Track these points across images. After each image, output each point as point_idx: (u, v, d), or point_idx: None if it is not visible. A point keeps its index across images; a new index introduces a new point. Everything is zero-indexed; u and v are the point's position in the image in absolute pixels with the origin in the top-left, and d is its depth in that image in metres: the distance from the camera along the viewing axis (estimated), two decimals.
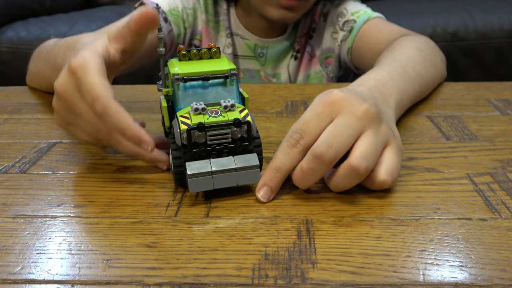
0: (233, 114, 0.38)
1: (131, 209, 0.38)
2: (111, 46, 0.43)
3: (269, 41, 0.88)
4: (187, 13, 0.85)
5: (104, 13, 1.63)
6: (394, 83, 0.50)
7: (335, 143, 0.36)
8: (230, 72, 0.40)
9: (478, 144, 0.49)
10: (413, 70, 0.57)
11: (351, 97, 0.39)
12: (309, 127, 0.38)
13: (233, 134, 0.38)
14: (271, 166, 0.39)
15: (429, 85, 0.63)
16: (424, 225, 0.35)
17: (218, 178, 0.37)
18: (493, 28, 1.40)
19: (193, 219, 0.36)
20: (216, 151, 0.38)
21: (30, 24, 1.47)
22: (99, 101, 0.39)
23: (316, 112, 0.38)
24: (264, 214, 0.37)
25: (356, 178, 0.37)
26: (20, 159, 0.47)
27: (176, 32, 0.84)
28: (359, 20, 0.82)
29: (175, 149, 0.38)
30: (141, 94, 0.66)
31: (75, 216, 0.37)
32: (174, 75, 0.39)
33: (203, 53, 0.41)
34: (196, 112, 0.37)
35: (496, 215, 0.36)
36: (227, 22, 0.88)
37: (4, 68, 1.43)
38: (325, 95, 0.39)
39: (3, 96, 0.67)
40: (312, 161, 0.36)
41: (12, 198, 0.40)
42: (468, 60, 1.41)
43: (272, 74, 0.91)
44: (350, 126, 0.37)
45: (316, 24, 0.89)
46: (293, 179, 0.38)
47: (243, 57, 0.90)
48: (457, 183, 0.41)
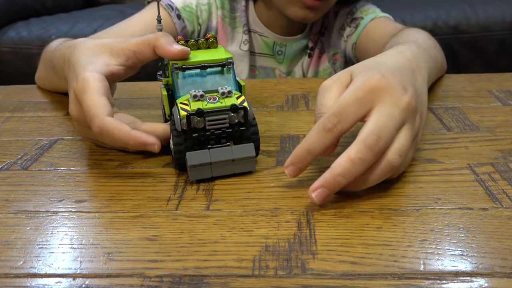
0: (230, 100, 0.39)
1: (132, 203, 0.38)
2: (114, 61, 0.44)
3: (288, 39, 0.88)
4: (201, 9, 0.85)
5: (105, 12, 1.63)
6: (424, 58, 0.50)
7: (384, 134, 0.35)
8: (227, 61, 0.41)
9: (479, 134, 0.48)
10: (432, 53, 0.58)
11: (394, 85, 0.37)
12: (348, 111, 0.36)
13: (231, 119, 0.39)
14: (302, 147, 0.37)
15: (439, 70, 0.64)
16: (424, 215, 0.35)
17: (216, 167, 0.40)
18: (495, 20, 1.39)
19: (193, 212, 0.36)
20: (214, 136, 0.39)
21: (32, 24, 1.48)
22: (94, 122, 0.39)
23: (357, 96, 0.36)
24: (265, 206, 0.37)
25: (389, 173, 0.37)
26: (22, 156, 0.47)
27: (190, 29, 0.84)
28: (366, 18, 0.83)
29: (176, 135, 0.40)
30: (142, 91, 0.66)
31: (77, 211, 0.37)
32: (173, 65, 0.41)
33: (200, 43, 0.43)
34: (195, 99, 0.39)
35: (497, 204, 0.36)
36: (245, 19, 0.87)
37: (6, 67, 1.44)
38: (368, 78, 0.37)
39: (5, 94, 0.67)
40: (362, 150, 0.34)
41: (14, 194, 0.40)
42: (470, 52, 1.41)
43: (287, 72, 0.90)
44: (393, 117, 0.36)
45: (328, 21, 0.89)
46: (336, 168, 0.35)
47: (260, 55, 0.89)
48: (458, 173, 0.41)
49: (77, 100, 0.42)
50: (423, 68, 0.47)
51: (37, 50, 1.40)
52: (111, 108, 0.41)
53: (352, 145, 0.35)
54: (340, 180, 0.34)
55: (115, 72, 0.44)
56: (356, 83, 0.38)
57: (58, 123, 0.56)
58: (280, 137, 0.49)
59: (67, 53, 0.48)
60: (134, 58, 0.44)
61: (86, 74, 0.42)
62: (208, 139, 0.40)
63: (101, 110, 0.39)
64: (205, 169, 0.39)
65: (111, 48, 0.45)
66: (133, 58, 0.44)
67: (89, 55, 0.44)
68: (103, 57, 0.44)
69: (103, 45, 0.45)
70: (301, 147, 0.37)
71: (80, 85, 0.41)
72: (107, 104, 0.40)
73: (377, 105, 0.37)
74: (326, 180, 0.34)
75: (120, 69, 0.44)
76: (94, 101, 0.40)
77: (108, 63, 0.44)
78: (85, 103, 0.40)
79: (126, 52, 0.44)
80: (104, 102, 0.40)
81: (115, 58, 0.44)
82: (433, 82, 0.64)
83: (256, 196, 0.38)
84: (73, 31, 1.42)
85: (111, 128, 0.39)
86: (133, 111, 0.57)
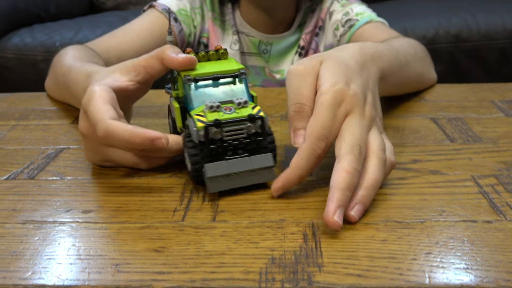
0: (246, 110, 0.39)
1: (138, 214, 0.38)
2: (124, 78, 0.45)
3: (274, 37, 0.90)
4: (195, 12, 0.88)
5: (108, 18, 1.65)
6: (388, 59, 0.51)
7: (362, 143, 0.38)
8: (239, 72, 0.42)
9: (482, 146, 0.49)
10: (404, 57, 0.58)
11: (358, 95, 0.40)
12: (330, 132, 0.38)
13: (248, 129, 0.39)
14: (294, 174, 0.38)
15: (415, 77, 0.65)
16: (429, 228, 0.35)
17: (235, 178, 0.39)
18: (496, 29, 1.40)
19: (200, 223, 0.36)
20: (232, 147, 0.39)
21: (36, 31, 1.49)
22: (98, 126, 0.40)
23: (334, 114, 0.38)
24: (271, 218, 0.37)
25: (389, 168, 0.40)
26: (29, 165, 0.48)
27: (187, 32, 0.87)
28: (361, 20, 0.84)
29: (192, 147, 0.39)
30: (147, 99, 0.66)
31: (84, 221, 0.38)
32: (185, 76, 0.41)
33: (211, 54, 0.43)
34: (211, 110, 0.39)
35: (501, 217, 0.36)
36: (233, 21, 0.90)
37: (10, 74, 1.44)
38: (336, 92, 0.39)
39: (10, 102, 0.67)
40: (353, 161, 0.36)
41: (22, 204, 0.40)
42: (471, 61, 1.41)
43: (276, 70, 0.92)
44: (363, 126, 0.39)
45: (323, 22, 0.90)
46: (340, 183, 0.35)
47: (249, 54, 0.92)
48: (461, 185, 0.41)
49: (84, 113, 0.42)
50: (379, 67, 0.48)
51: (41, 56, 1.41)
52: (115, 114, 0.41)
53: (341, 158, 0.37)
54: (348, 195, 0.35)
55: (124, 87, 0.44)
56: (327, 97, 0.39)
57: (64, 131, 0.56)
58: (284, 147, 0.49)
59: (86, 83, 0.48)
60: (144, 72, 0.45)
61: (93, 87, 0.42)
62: (226, 150, 0.40)
63: (104, 114, 0.40)
64: (224, 180, 0.39)
65: (121, 67, 0.46)
66: (143, 73, 0.45)
67: (101, 76, 0.45)
68: (113, 75, 0.45)
69: (114, 67, 0.46)
70: (293, 174, 0.38)
71: (86, 97, 0.42)
72: (110, 109, 0.41)
73: (347, 117, 0.39)
74: (339, 198, 0.35)
75: (130, 84, 0.45)
76: (97, 107, 0.40)
77: (117, 79, 0.44)
78: (90, 110, 0.41)
79: (136, 67, 0.45)
80: (107, 108, 0.41)
81: (125, 75, 0.45)
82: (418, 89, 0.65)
83: (262, 207, 0.39)
84: (77, 37, 1.43)
85: (115, 129, 0.39)
86: (138, 120, 0.58)
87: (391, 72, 0.51)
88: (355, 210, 0.36)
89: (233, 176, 0.39)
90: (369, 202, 0.37)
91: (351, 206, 0.36)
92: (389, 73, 0.51)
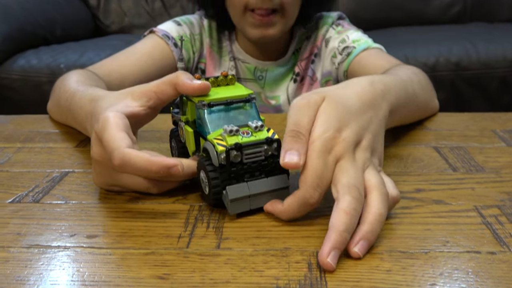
0: (263, 133, 0.41)
1: (143, 240, 0.38)
2: (135, 104, 0.45)
3: (269, 64, 0.91)
4: (194, 38, 0.90)
5: (112, 42, 1.67)
6: (396, 93, 0.51)
7: (359, 184, 0.38)
8: (250, 97, 0.43)
9: (485, 175, 0.49)
10: (412, 89, 0.59)
11: (349, 142, 0.40)
12: (323, 179, 0.38)
13: (265, 152, 0.41)
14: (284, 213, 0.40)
15: (421, 108, 0.65)
16: (433, 258, 0.35)
17: (254, 199, 0.41)
18: (496, 58, 1.42)
19: (204, 250, 0.37)
20: (251, 169, 0.41)
21: (41, 53, 1.51)
22: (114, 154, 0.40)
23: (324, 162, 0.38)
24: (275, 246, 0.37)
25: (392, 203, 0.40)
26: (33, 188, 0.48)
27: (186, 57, 0.89)
28: (358, 47, 0.85)
29: (212, 170, 0.40)
30: (151, 124, 0.66)
31: (88, 246, 0.38)
32: (200, 102, 0.42)
33: (220, 80, 0.45)
34: (231, 134, 0.40)
35: (505, 248, 0.36)
36: (230, 47, 0.92)
37: (16, 95, 1.46)
38: (326, 140, 0.39)
39: (16, 124, 0.68)
40: (352, 202, 0.36)
41: (26, 228, 0.40)
42: (472, 89, 1.43)
43: (271, 96, 0.94)
44: (357, 168, 0.39)
45: (319, 49, 0.92)
46: (339, 225, 0.35)
47: (245, 80, 0.93)
48: (465, 215, 0.41)
49: (98, 140, 0.43)
50: (389, 102, 0.48)
51: (46, 78, 1.42)
52: (131, 141, 0.41)
53: (339, 199, 0.37)
54: (346, 237, 0.35)
55: (136, 113, 0.45)
56: (318, 144, 0.39)
57: (69, 154, 0.57)
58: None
59: (90, 107, 0.49)
60: (156, 98, 0.45)
61: (106, 114, 0.43)
62: (244, 173, 0.41)
63: (120, 142, 0.40)
64: (244, 202, 0.41)
65: (132, 93, 0.46)
66: (154, 99, 0.45)
67: (112, 101, 0.46)
68: (124, 101, 0.45)
69: (125, 92, 0.47)
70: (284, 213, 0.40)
71: (101, 125, 0.42)
72: (126, 137, 0.41)
73: (338, 162, 0.39)
74: (335, 240, 0.34)
75: (141, 110, 0.45)
76: (113, 135, 0.41)
77: (129, 105, 0.45)
78: (105, 138, 0.41)
79: (147, 93, 0.45)
80: (123, 135, 0.41)
81: (136, 101, 0.45)
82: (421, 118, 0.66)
83: (266, 234, 0.39)
84: (82, 60, 1.45)
85: (131, 157, 0.39)
86: (142, 144, 0.58)
87: (400, 105, 0.52)
88: (359, 246, 0.35)
89: (252, 197, 0.41)
90: (374, 238, 0.36)
91: (355, 242, 0.35)
92: (398, 106, 0.51)
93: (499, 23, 1.89)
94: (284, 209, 0.39)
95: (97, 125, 0.43)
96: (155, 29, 0.87)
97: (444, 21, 1.94)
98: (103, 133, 0.41)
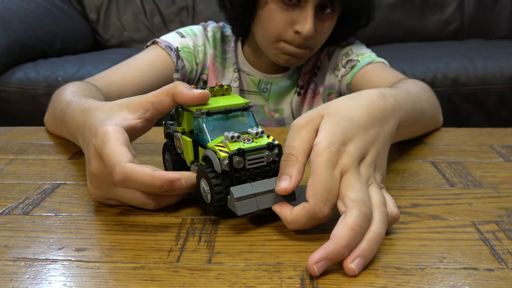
0: (263, 139, 0.41)
1: (132, 253, 0.37)
2: (132, 116, 0.44)
3: (273, 77, 0.91)
4: (197, 50, 0.89)
5: (111, 55, 1.67)
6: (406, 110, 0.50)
7: (367, 199, 0.37)
8: (248, 105, 0.43)
9: (483, 191, 0.48)
10: (420, 106, 0.58)
11: (353, 156, 0.39)
12: (332, 193, 0.37)
13: (267, 158, 0.41)
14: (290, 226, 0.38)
15: (427, 124, 0.65)
16: (429, 275, 0.34)
17: (261, 199, 0.40)
18: (493, 74, 1.42)
19: (195, 265, 0.36)
20: (253, 175, 0.40)
21: (39, 65, 1.51)
22: (115, 169, 0.39)
23: (331, 174, 0.38)
24: (268, 261, 0.36)
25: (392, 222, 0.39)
26: (24, 200, 0.47)
27: (189, 69, 0.88)
28: (362, 61, 0.85)
29: (215, 177, 0.40)
30: (145, 137, 0.66)
31: (76, 260, 0.37)
32: (198, 110, 0.42)
33: (216, 90, 0.45)
34: (232, 140, 0.40)
35: (503, 265, 0.35)
36: (235, 59, 0.91)
37: (12, 107, 1.45)
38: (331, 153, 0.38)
39: (9, 136, 0.67)
40: (359, 217, 0.35)
41: (14, 240, 0.39)
42: (469, 105, 1.43)
43: (274, 109, 0.93)
44: (362, 182, 0.39)
45: (321, 62, 0.92)
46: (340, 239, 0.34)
47: (248, 92, 0.93)
48: (462, 231, 0.41)
49: (98, 154, 0.41)
50: (398, 118, 0.47)
51: (43, 91, 1.42)
52: (131, 156, 0.40)
53: (347, 213, 0.35)
54: (344, 253, 0.34)
55: (134, 126, 0.44)
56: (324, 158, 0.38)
57: (61, 167, 0.56)
58: None
59: (81, 118, 0.48)
60: (153, 109, 0.45)
61: (105, 128, 0.42)
62: (246, 179, 0.41)
63: (121, 157, 0.39)
64: (251, 202, 0.40)
65: (128, 105, 0.45)
66: (151, 110, 0.45)
67: (107, 113, 0.45)
68: (121, 113, 0.44)
69: (119, 104, 0.46)
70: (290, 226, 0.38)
71: (100, 139, 0.41)
72: (127, 152, 0.40)
73: (343, 176, 0.38)
74: (331, 252, 0.34)
75: (138, 122, 0.45)
76: (114, 150, 0.40)
77: (126, 118, 0.44)
78: (105, 153, 0.40)
79: (144, 105, 0.45)
80: (123, 150, 0.40)
81: (133, 113, 0.45)
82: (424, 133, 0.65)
83: (259, 249, 0.38)
84: (80, 73, 1.45)
85: (134, 172, 0.38)
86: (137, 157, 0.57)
87: (408, 122, 0.52)
88: (356, 263, 0.34)
89: (258, 197, 0.40)
90: (370, 257, 0.35)
91: (352, 258, 0.34)
92: (406, 123, 0.51)
93: (497, 40, 1.90)
94: (292, 220, 0.38)
95: (96, 139, 0.42)
96: (158, 40, 0.87)
97: (442, 37, 1.95)
98: (103, 148, 0.40)
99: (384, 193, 0.41)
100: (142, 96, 0.46)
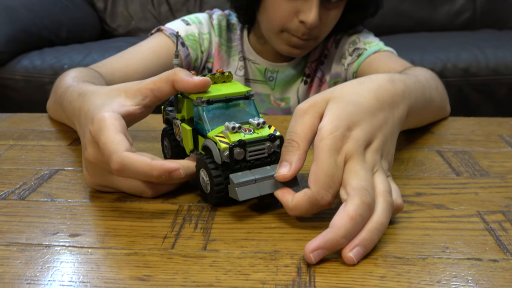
0: (265, 130, 0.40)
1: (127, 239, 0.37)
2: (130, 102, 0.43)
3: (279, 66, 0.90)
4: (203, 38, 0.88)
5: (118, 44, 1.66)
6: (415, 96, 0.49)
7: (369, 187, 0.36)
8: (249, 93, 0.42)
9: (489, 180, 0.47)
10: (429, 93, 0.57)
11: (359, 141, 0.38)
12: (335, 179, 0.36)
13: (268, 149, 0.40)
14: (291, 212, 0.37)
15: (435, 112, 0.63)
16: (431, 265, 0.33)
17: (262, 184, 0.39)
18: (505, 64, 1.39)
19: (189, 252, 0.35)
20: (254, 166, 0.40)
21: (45, 54, 1.50)
22: (112, 158, 0.38)
23: (334, 160, 0.36)
24: (264, 248, 0.35)
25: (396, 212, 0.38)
26: (21, 185, 0.46)
27: (194, 57, 0.87)
28: (369, 49, 0.84)
29: (214, 168, 0.39)
30: (146, 124, 0.65)
31: (70, 245, 0.36)
32: (198, 98, 0.40)
33: (217, 77, 0.44)
34: (233, 131, 0.39)
35: (508, 255, 0.34)
36: (240, 47, 0.90)
37: (18, 95, 1.45)
38: (336, 138, 0.37)
39: (11, 122, 0.67)
40: (360, 206, 0.34)
41: (8, 225, 0.39)
42: (479, 95, 1.40)
43: (280, 98, 0.92)
44: (367, 169, 0.37)
45: (328, 50, 0.90)
46: (339, 229, 0.33)
47: (254, 81, 0.92)
48: (467, 221, 0.39)
49: (94, 141, 0.40)
50: (407, 104, 0.46)
51: (49, 79, 1.42)
52: (129, 144, 0.39)
53: (348, 201, 0.34)
54: (343, 242, 0.33)
55: (132, 112, 0.43)
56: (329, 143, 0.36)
57: (60, 153, 0.55)
58: None
59: (78, 102, 0.47)
60: (152, 96, 0.43)
61: (102, 114, 0.40)
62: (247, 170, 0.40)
63: (118, 145, 0.38)
64: (252, 187, 0.39)
65: (126, 90, 0.44)
66: (150, 96, 0.43)
67: (104, 99, 0.44)
68: (118, 99, 0.43)
69: (117, 89, 0.45)
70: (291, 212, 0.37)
71: (96, 125, 0.40)
72: (124, 140, 0.39)
73: (347, 163, 0.37)
74: (328, 241, 0.32)
75: (137, 109, 0.44)
76: (111, 137, 0.39)
77: (124, 104, 0.43)
78: (102, 141, 0.39)
79: (143, 91, 0.43)
80: (120, 138, 0.39)
81: (131, 99, 0.43)
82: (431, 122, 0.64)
83: (256, 237, 0.37)
84: (86, 61, 1.44)
85: (131, 161, 0.37)
86: (137, 144, 0.57)
87: (417, 109, 0.50)
88: (354, 252, 0.33)
89: (259, 182, 0.39)
90: (371, 246, 0.34)
91: (351, 247, 0.33)
92: (415, 110, 0.49)
93: (509, 30, 1.86)
94: (293, 206, 0.37)
95: (92, 126, 0.40)
96: (162, 27, 0.86)
97: (453, 28, 1.91)
98: (100, 135, 0.39)
99: (390, 181, 0.39)
100: (141, 81, 0.44)
